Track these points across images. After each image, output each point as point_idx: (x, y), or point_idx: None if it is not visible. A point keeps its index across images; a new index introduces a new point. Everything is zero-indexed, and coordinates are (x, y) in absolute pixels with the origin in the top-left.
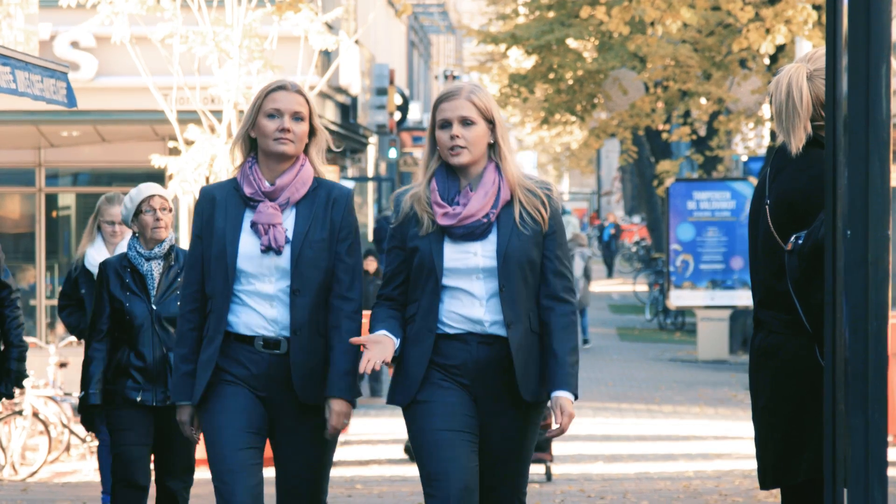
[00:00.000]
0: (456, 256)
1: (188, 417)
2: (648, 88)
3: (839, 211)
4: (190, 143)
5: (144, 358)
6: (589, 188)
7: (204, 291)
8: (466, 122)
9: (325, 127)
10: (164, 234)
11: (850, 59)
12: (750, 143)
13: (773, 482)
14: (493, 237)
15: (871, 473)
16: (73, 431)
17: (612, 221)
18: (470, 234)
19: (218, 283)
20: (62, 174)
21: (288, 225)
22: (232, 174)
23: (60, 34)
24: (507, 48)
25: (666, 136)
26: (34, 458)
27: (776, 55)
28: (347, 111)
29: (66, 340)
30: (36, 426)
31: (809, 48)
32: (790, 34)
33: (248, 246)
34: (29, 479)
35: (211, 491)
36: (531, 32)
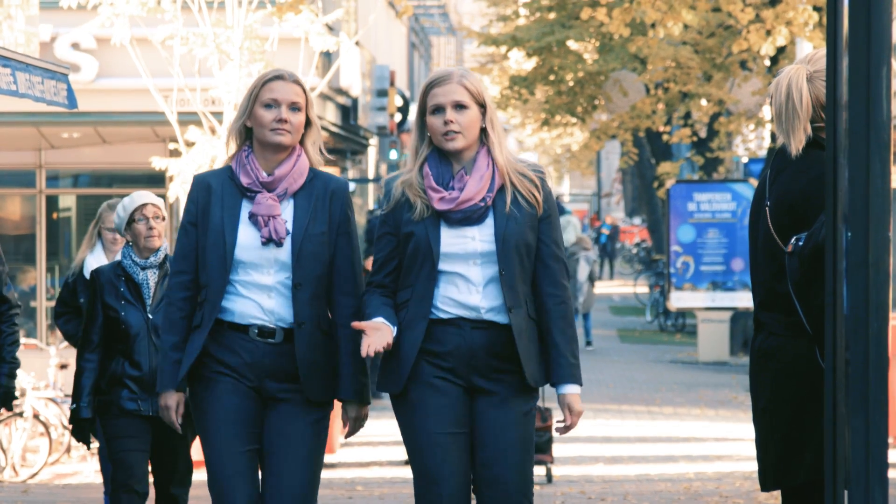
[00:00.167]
0: (453, 241)
1: (175, 403)
2: (649, 90)
3: (840, 212)
4: (190, 144)
5: (140, 367)
6: (589, 190)
7: (197, 280)
8: (459, 106)
9: (325, 128)
10: (157, 242)
11: (850, 60)
12: (750, 144)
13: (773, 484)
14: (489, 221)
15: (871, 475)
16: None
17: (608, 223)
18: (467, 218)
19: (214, 273)
20: (63, 176)
21: (287, 216)
22: (225, 162)
23: (61, 36)
24: (507, 50)
25: (666, 137)
26: (35, 459)
27: (777, 56)
28: (348, 113)
29: (66, 342)
30: (36, 428)
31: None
32: (790, 35)
33: (247, 237)
34: (29, 480)
35: (204, 494)
36: (532, 34)
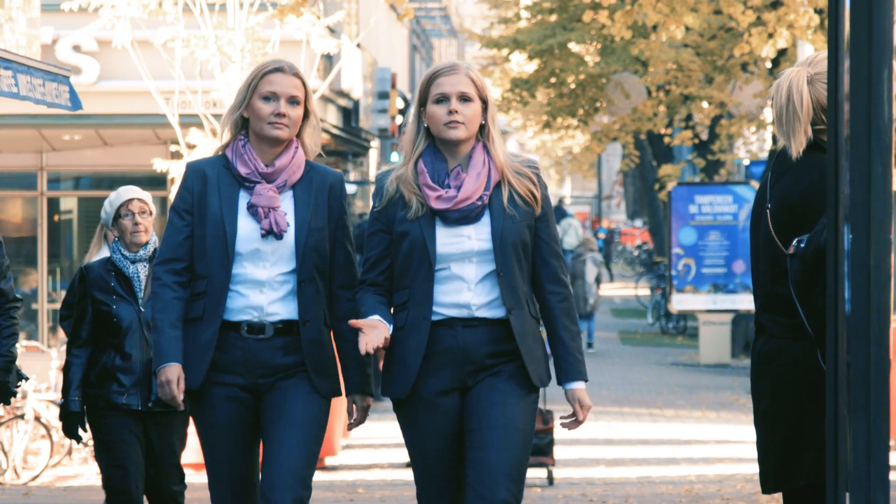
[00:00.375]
0: (449, 241)
1: (175, 376)
2: (650, 92)
3: (841, 214)
4: (192, 146)
5: (131, 361)
6: (591, 192)
7: (192, 268)
8: (464, 97)
9: (326, 130)
10: (143, 237)
11: (852, 63)
12: (752, 146)
13: (774, 486)
14: (486, 220)
15: (872, 477)
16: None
17: (604, 227)
18: (464, 217)
19: (215, 264)
20: (64, 178)
21: (286, 209)
22: (217, 151)
23: (62, 38)
24: (509, 52)
25: (668, 139)
26: (36, 462)
27: (778, 59)
28: (349, 115)
29: None
30: (38, 430)
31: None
32: (792, 38)
33: (246, 229)
34: (31, 483)
35: (205, 496)
36: (533, 36)
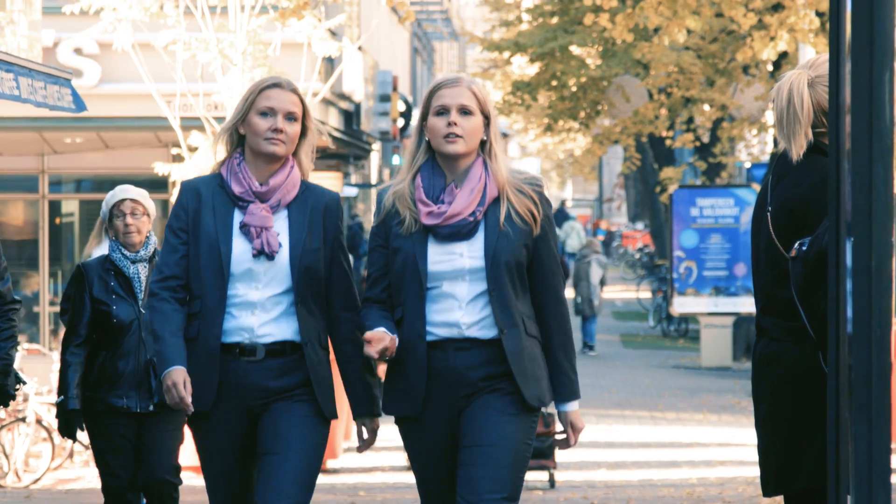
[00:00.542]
0: (440, 258)
1: (181, 378)
2: (652, 95)
3: (842, 218)
4: (193, 149)
5: (129, 362)
6: (592, 195)
7: (188, 287)
8: (465, 111)
9: (328, 133)
10: (135, 238)
11: (853, 66)
12: (753, 149)
13: (775, 489)
14: (479, 236)
15: (874, 481)
16: (79, 440)
17: (602, 228)
18: (456, 233)
19: (210, 284)
20: (65, 181)
21: (280, 229)
22: (213, 168)
23: (64, 41)
24: (510, 55)
25: (669, 142)
26: (37, 465)
27: (779, 62)
28: (351, 118)
29: None
30: (39, 433)
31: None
32: (793, 41)
33: (239, 249)
34: (32, 486)
35: (203, 499)
36: (534, 39)
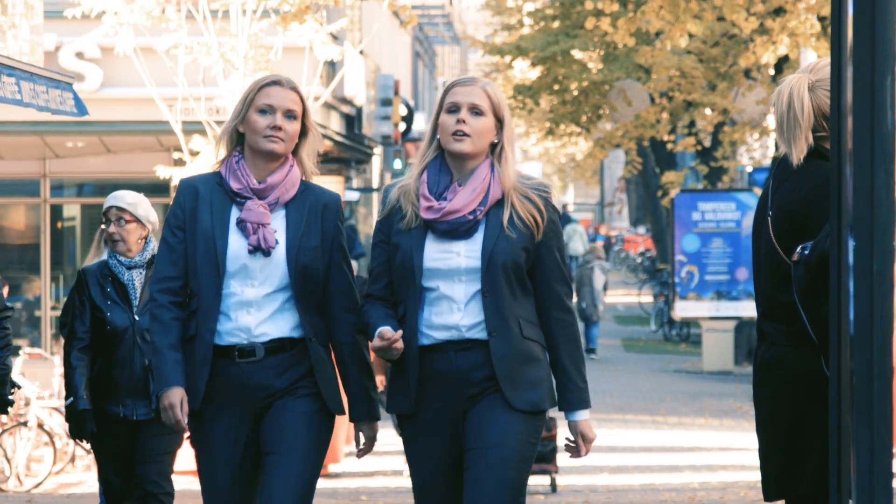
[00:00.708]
0: (437, 256)
1: (178, 400)
2: (653, 99)
3: (844, 222)
4: (195, 153)
5: (123, 370)
6: (594, 199)
7: (187, 286)
8: (476, 110)
9: (329, 137)
10: (120, 246)
11: (854, 70)
12: (755, 153)
13: (776, 494)
14: (478, 236)
15: (875, 485)
16: (77, 442)
17: (601, 233)
18: (454, 230)
19: (206, 280)
20: (67, 185)
21: (278, 226)
22: (213, 168)
23: (65, 45)
24: (512, 59)
25: (671, 146)
26: (39, 469)
27: (781, 66)
28: (352, 122)
29: None
30: (41, 437)
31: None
32: (794, 45)
33: (235, 245)
34: (34, 490)
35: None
36: (536, 43)
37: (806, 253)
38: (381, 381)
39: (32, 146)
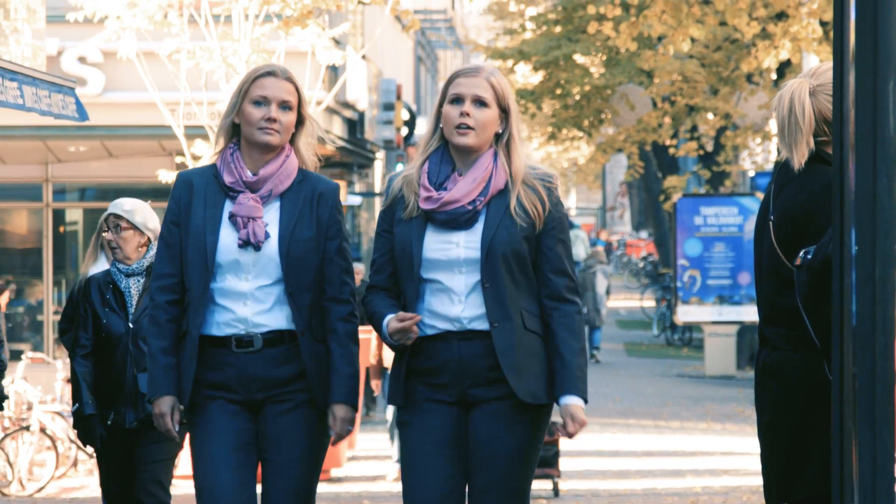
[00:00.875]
0: (437, 246)
1: (169, 409)
2: (655, 104)
3: (846, 226)
4: (197, 158)
5: (117, 377)
6: (596, 203)
7: (183, 283)
8: (480, 102)
9: (331, 142)
10: (118, 254)
11: (857, 75)
12: (757, 158)
13: (777, 498)
14: (478, 227)
15: (878, 489)
16: (80, 447)
17: (602, 238)
18: (453, 220)
19: (195, 276)
20: (69, 189)
21: (271, 219)
22: (211, 159)
23: (68, 49)
24: (514, 63)
25: (673, 151)
26: (41, 473)
27: (783, 70)
28: (354, 126)
29: None
30: (43, 442)
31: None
32: (797, 50)
33: (226, 239)
34: (36, 494)
35: None
36: (538, 48)
37: (808, 257)
38: (376, 385)
39: (35, 150)
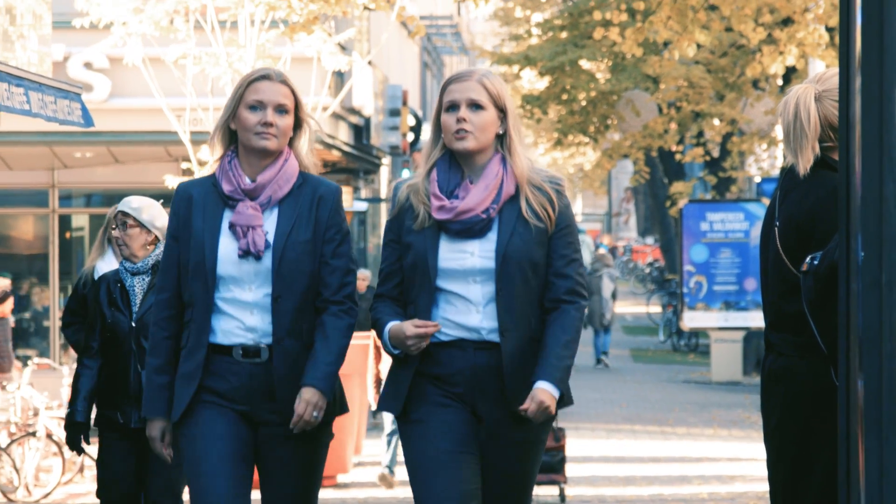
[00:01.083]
0: (451, 256)
1: (159, 433)
2: (661, 109)
3: (853, 233)
4: (203, 163)
5: (122, 376)
6: (602, 209)
7: (181, 298)
8: (475, 105)
9: (337, 148)
10: (124, 251)
11: (863, 80)
12: (763, 163)
13: None
14: (492, 235)
15: (885, 495)
16: (86, 453)
17: (605, 244)
18: (467, 230)
19: (197, 290)
20: (75, 195)
21: (270, 226)
22: (210, 169)
23: (74, 55)
24: (520, 69)
25: (679, 157)
26: (48, 479)
27: (789, 76)
28: (360, 132)
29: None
30: (50, 447)
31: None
32: (802, 56)
33: (227, 250)
34: (42, 500)
35: None
36: (544, 53)
37: (815, 263)
38: (376, 398)
39: (41, 156)
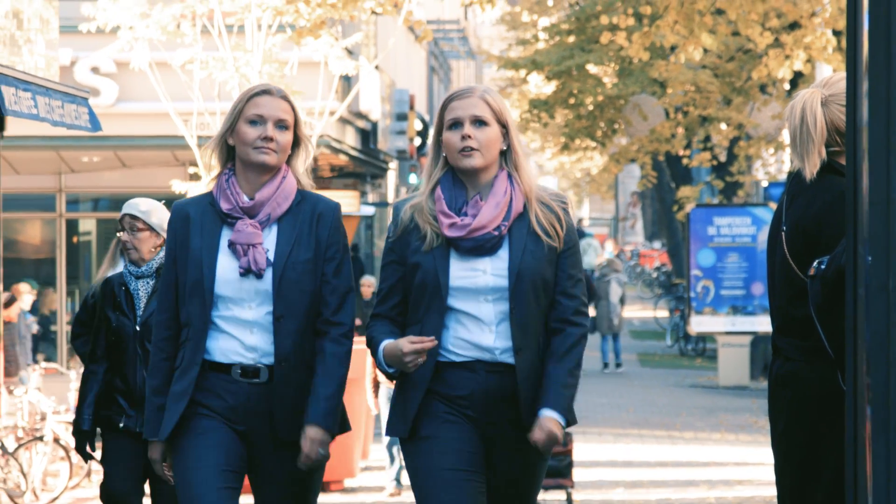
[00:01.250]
0: (462, 274)
1: (160, 455)
2: (668, 114)
3: (860, 236)
4: (210, 168)
5: (128, 381)
6: (609, 213)
7: (177, 318)
8: (479, 122)
9: (344, 152)
10: (133, 255)
11: (870, 84)
12: (770, 168)
13: None
14: (503, 253)
15: (892, 499)
16: (94, 458)
17: (611, 249)
18: (479, 248)
19: (194, 310)
20: (83, 199)
21: (269, 244)
22: (208, 186)
23: (81, 60)
24: (527, 74)
25: (686, 161)
26: (55, 483)
27: (796, 80)
28: (367, 136)
29: None
30: (57, 452)
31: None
32: (809, 60)
33: (226, 269)
34: None
35: None
36: (551, 58)
37: (822, 268)
38: (376, 403)
39: (48, 161)
